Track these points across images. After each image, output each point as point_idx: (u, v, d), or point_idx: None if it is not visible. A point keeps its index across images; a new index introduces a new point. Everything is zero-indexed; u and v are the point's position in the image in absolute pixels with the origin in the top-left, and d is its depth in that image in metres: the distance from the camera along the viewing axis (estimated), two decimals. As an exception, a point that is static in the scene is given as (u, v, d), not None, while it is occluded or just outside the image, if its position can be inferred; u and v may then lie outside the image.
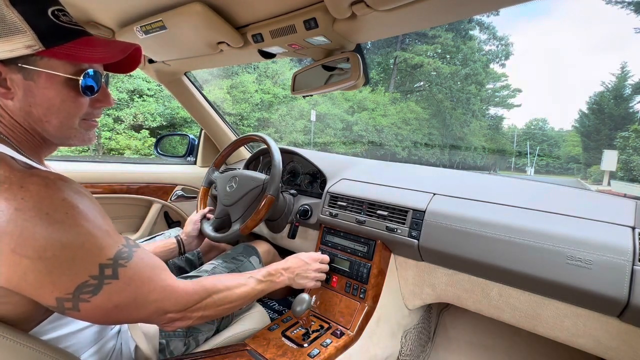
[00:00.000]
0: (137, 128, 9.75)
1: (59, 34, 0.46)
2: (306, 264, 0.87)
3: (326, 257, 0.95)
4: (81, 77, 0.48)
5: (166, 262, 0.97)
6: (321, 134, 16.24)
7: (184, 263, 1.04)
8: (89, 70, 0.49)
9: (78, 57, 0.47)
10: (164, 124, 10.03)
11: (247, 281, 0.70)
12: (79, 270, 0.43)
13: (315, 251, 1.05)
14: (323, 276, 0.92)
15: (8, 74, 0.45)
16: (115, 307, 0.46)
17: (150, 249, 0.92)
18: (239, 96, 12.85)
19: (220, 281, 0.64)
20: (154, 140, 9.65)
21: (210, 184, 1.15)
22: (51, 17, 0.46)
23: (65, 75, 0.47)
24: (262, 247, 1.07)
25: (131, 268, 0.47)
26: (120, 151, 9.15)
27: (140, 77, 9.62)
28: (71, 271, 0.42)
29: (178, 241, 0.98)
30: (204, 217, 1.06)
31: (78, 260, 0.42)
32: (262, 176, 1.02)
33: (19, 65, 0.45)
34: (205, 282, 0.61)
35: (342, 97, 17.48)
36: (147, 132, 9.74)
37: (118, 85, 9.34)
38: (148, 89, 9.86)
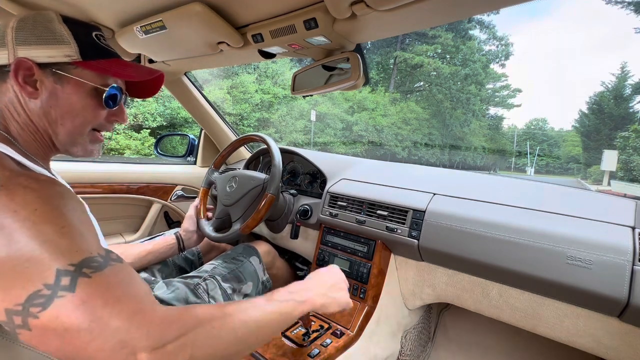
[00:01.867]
0: (137, 128, 9.75)
1: (97, 51, 0.53)
2: (336, 274, 0.67)
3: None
4: (107, 88, 0.54)
5: (166, 259, 0.97)
6: (321, 134, 16.22)
7: (184, 263, 1.04)
8: (114, 85, 0.55)
9: (110, 71, 0.54)
10: (164, 124, 10.01)
11: (256, 305, 0.49)
12: (32, 275, 0.35)
13: (315, 251, 1.05)
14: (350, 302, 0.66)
15: (40, 76, 0.49)
16: (66, 331, 0.34)
17: (149, 246, 0.92)
18: (239, 96, 12.84)
19: (219, 307, 0.46)
20: (154, 140, 9.60)
21: (210, 184, 1.15)
22: (94, 38, 0.54)
23: (93, 85, 0.53)
24: (262, 248, 1.07)
25: (96, 282, 0.37)
26: (120, 151, 9.15)
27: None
28: (24, 276, 0.35)
29: (177, 238, 0.98)
30: (207, 219, 1.06)
31: (34, 262, 0.35)
32: (262, 176, 1.02)
33: (53, 70, 0.50)
34: (197, 308, 0.43)
35: (342, 97, 17.51)
36: (148, 131, 9.72)
37: (119, 86, 9.44)
38: None
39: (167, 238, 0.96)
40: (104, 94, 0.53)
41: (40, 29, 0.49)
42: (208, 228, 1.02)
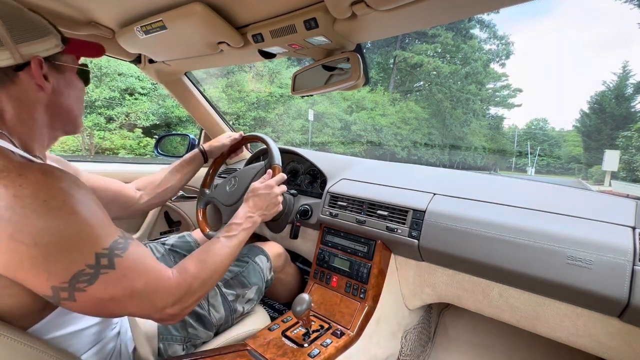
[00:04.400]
0: (131, 127, 9.49)
1: (62, 35, 0.54)
2: (268, 194, 0.80)
3: (279, 177, 0.85)
4: (85, 68, 0.58)
5: (193, 175, 1.03)
6: (319, 134, 16.07)
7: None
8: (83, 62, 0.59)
9: (83, 53, 0.58)
10: (157, 122, 9.80)
11: (223, 245, 0.67)
12: (75, 258, 0.42)
13: (315, 251, 1.05)
14: (284, 190, 0.86)
15: (47, 71, 0.51)
16: (111, 298, 0.45)
17: (177, 163, 0.99)
18: (235, 95, 12.66)
19: (200, 259, 0.61)
20: (148, 140, 9.35)
21: (206, 204, 1.10)
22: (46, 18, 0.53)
23: (78, 67, 0.57)
24: (273, 249, 1.04)
25: (127, 259, 0.47)
26: (115, 151, 8.96)
27: (133, 75, 9.36)
28: (67, 259, 0.42)
29: (201, 150, 1.03)
30: (210, 230, 1.03)
31: (74, 248, 0.42)
32: (260, 163, 1.02)
33: (52, 62, 0.52)
34: (189, 267, 0.58)
35: (341, 97, 17.42)
36: (141, 131, 9.48)
37: (111, 84, 9.16)
38: (141, 88, 9.62)
39: (191, 153, 1.03)
40: (89, 74, 0.59)
41: (28, 23, 0.49)
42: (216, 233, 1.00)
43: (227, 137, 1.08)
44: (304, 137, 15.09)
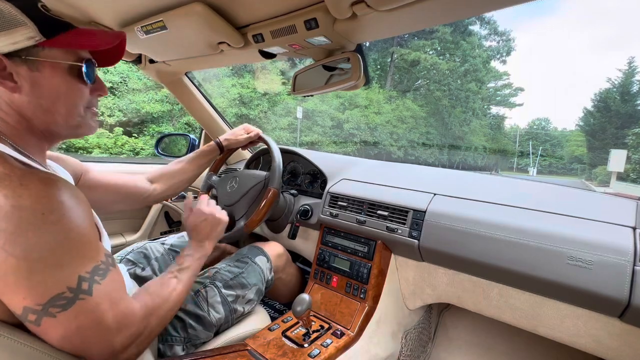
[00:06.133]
0: (103, 125, 8.84)
1: (55, 25, 0.47)
2: (204, 220, 0.77)
3: (203, 199, 0.83)
4: (83, 63, 0.51)
5: (207, 167, 1.03)
6: (309, 132, 15.40)
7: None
8: (88, 58, 0.52)
9: (78, 44, 0.49)
10: (124, 119, 9.14)
11: (177, 280, 0.64)
12: (58, 279, 0.40)
13: (316, 252, 1.05)
14: (215, 206, 0.83)
15: (13, 68, 0.45)
16: (77, 328, 0.42)
17: (193, 154, 1.00)
18: (213, 90, 12.02)
19: (155, 294, 0.58)
20: (126, 138, 8.86)
21: (209, 188, 1.14)
22: (42, 10, 0.47)
23: (69, 63, 0.49)
24: (273, 249, 1.03)
25: (104, 286, 0.44)
26: (89, 150, 8.35)
27: (100, 69, 9.07)
28: (51, 279, 0.40)
29: (216, 142, 1.04)
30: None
31: (60, 267, 0.40)
32: (263, 173, 1.02)
33: (23, 57, 0.46)
34: (146, 301, 0.55)
35: (333, 94, 16.87)
36: (121, 130, 8.87)
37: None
38: (108, 82, 9.01)
39: (207, 145, 1.03)
40: (83, 70, 0.51)
41: None
42: None
43: (244, 134, 1.07)
44: (292, 136, 14.38)
